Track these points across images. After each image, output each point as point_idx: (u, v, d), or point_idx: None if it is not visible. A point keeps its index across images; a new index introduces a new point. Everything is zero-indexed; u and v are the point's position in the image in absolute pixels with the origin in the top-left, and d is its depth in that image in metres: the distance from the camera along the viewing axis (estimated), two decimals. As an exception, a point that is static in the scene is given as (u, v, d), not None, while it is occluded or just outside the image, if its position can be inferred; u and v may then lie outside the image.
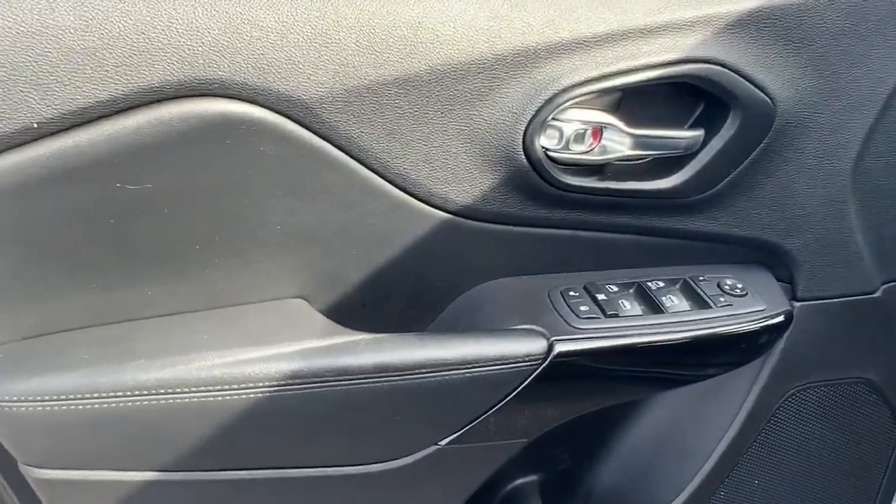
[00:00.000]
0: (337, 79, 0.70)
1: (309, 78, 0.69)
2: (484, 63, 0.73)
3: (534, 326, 0.81)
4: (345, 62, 0.70)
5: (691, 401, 0.99)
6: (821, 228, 0.91)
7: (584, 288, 0.86)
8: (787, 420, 1.03)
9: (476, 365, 0.78)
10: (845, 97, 0.85)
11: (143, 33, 0.65)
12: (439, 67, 0.72)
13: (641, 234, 0.88)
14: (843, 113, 0.86)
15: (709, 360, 0.88)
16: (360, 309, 0.83)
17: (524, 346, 0.79)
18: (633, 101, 0.81)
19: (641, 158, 0.84)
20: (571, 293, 0.85)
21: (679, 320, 0.83)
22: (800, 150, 0.86)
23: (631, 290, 0.87)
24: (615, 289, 0.86)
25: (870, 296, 0.98)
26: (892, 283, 0.99)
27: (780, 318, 0.88)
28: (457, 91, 0.74)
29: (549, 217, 0.83)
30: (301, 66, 0.69)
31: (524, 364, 0.79)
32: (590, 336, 0.80)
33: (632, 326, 0.81)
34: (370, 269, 0.81)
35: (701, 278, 0.89)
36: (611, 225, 0.86)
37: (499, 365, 0.79)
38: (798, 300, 0.96)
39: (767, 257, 0.94)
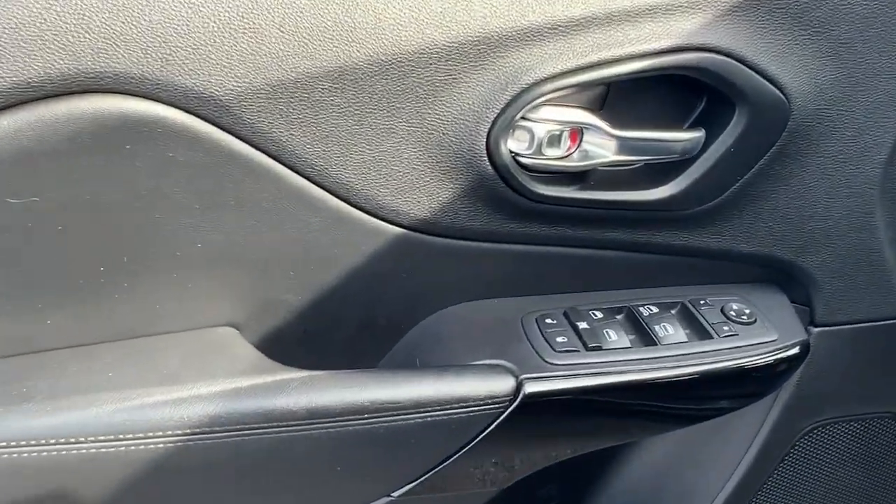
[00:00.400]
0: (258, 71, 0.59)
1: (222, 70, 0.58)
2: (437, 52, 0.62)
3: (500, 362, 0.69)
4: (266, 51, 0.59)
5: (693, 439, 0.87)
6: (843, 244, 0.79)
7: (564, 314, 0.74)
8: (804, 461, 0.90)
9: (431, 408, 0.67)
10: (873, 92, 0.73)
11: (14, 18, 0.54)
12: (383, 58, 0.61)
13: (633, 250, 0.76)
14: (871, 111, 0.73)
15: (710, 400, 0.77)
16: (301, 340, 0.72)
17: (488, 385, 0.67)
18: (619, 98, 0.69)
19: (630, 165, 0.72)
20: (548, 320, 0.73)
21: (674, 354, 0.71)
22: (819, 154, 0.74)
23: (619, 317, 0.75)
24: (600, 315, 0.74)
25: (900, 320, 0.86)
26: (931, 303, 0.87)
27: (795, 351, 0.76)
28: (405, 85, 0.62)
29: (522, 232, 0.72)
30: (212, 56, 0.58)
31: (488, 406, 0.68)
32: (565, 374, 0.68)
33: (617, 361, 0.69)
34: (311, 293, 0.70)
35: (703, 302, 0.77)
36: (597, 241, 0.74)
37: (459, 408, 0.67)
38: (816, 325, 0.83)
39: (781, 277, 0.82)
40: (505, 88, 0.64)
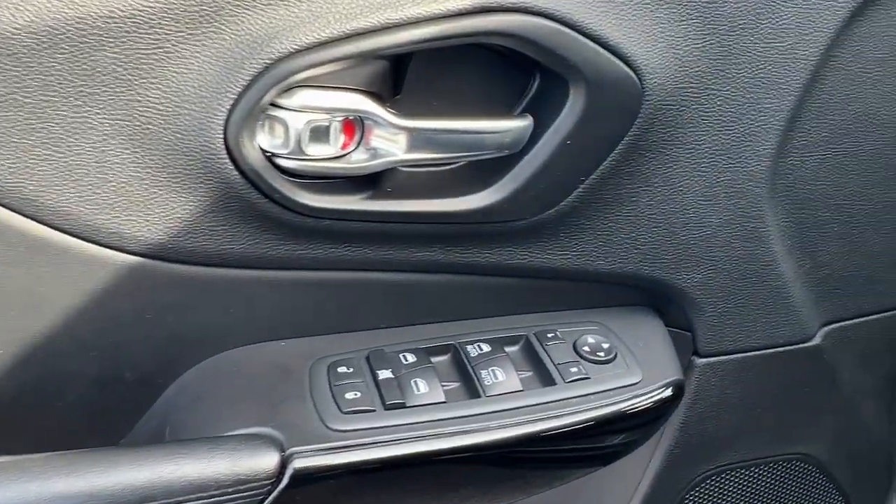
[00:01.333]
0: None
1: None
2: (137, 17, 0.45)
3: (266, 430, 0.52)
4: None
5: (557, 499, 0.71)
6: (727, 257, 0.64)
7: (367, 359, 0.58)
8: (696, 517, 0.76)
9: (174, 496, 0.50)
10: (753, 67, 0.58)
11: None
12: (56, 26, 0.44)
13: (457, 273, 0.60)
14: (751, 90, 0.58)
15: (550, 466, 0.61)
16: (12, 406, 0.55)
17: (247, 462, 0.50)
18: (413, 77, 0.53)
19: (436, 165, 0.56)
20: (342, 369, 0.56)
21: (501, 408, 0.55)
22: (687, 146, 0.59)
23: (439, 360, 0.58)
24: (412, 359, 0.58)
25: (804, 345, 0.71)
26: (834, 325, 0.72)
27: (663, 394, 0.60)
28: (93, 64, 0.46)
29: (302, 255, 0.55)
30: None
31: (247, 490, 0.51)
32: (346, 444, 0.51)
33: (420, 424, 0.53)
34: (19, 345, 0.53)
35: (552, 335, 0.62)
36: (406, 263, 0.58)
37: (210, 494, 0.51)
38: (701, 355, 0.68)
39: (656, 298, 0.67)
40: (241, 65, 0.47)
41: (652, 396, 0.60)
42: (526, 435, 0.54)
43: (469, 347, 0.59)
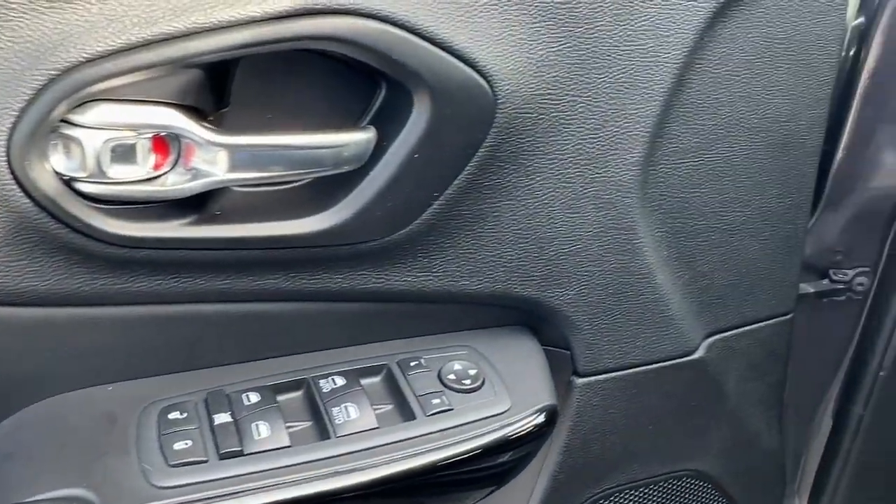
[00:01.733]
0: None
1: None
2: None
3: (78, 491, 0.46)
4: None
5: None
6: (601, 271, 0.61)
7: (205, 402, 0.52)
8: (586, 542, 0.72)
9: None
10: (614, 74, 0.55)
11: None
12: None
13: (304, 300, 0.55)
14: (613, 96, 0.55)
15: (420, 499, 0.56)
16: None
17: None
18: (242, 88, 0.48)
19: (274, 183, 0.51)
20: (174, 414, 0.51)
21: (350, 451, 0.50)
22: (551, 157, 0.55)
23: (286, 398, 0.53)
24: (255, 399, 0.52)
25: (687, 358, 0.68)
26: (717, 336, 0.70)
27: (537, 420, 0.56)
28: None
29: (126, 289, 0.49)
30: None
31: (55, 563, 0.45)
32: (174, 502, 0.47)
33: (259, 474, 0.48)
34: None
35: (415, 363, 0.57)
36: (247, 292, 0.53)
37: (9, 568, 0.45)
38: (581, 375, 0.65)
39: (529, 316, 0.63)
40: (20, 77, 0.41)
41: (521, 425, 0.55)
42: (379, 478, 0.50)
43: (322, 382, 0.54)
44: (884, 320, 0.81)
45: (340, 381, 0.54)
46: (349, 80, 0.51)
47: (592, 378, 0.65)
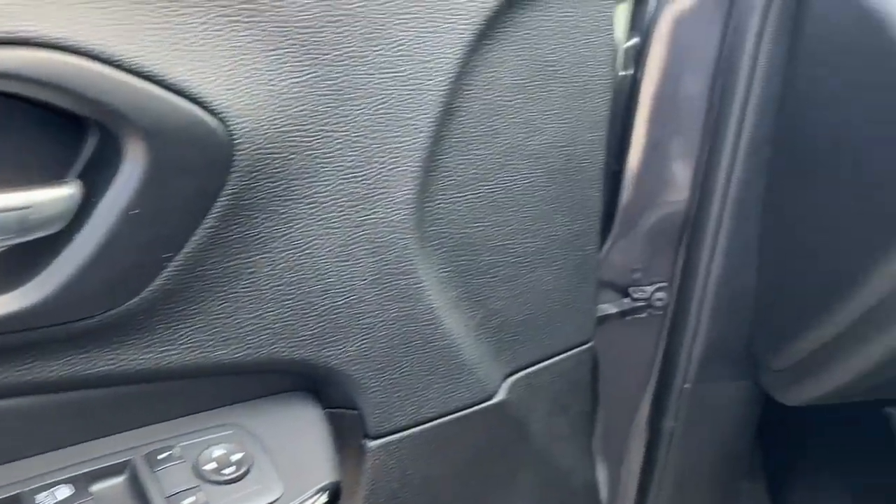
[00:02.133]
0: None
1: None
2: None
3: None
4: None
5: None
6: (382, 322, 0.54)
7: None
8: None
9: None
10: (373, 106, 0.49)
11: None
12: None
13: (15, 395, 0.45)
14: (376, 132, 0.49)
15: None
16: None
17: None
18: None
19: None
20: None
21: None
22: (310, 201, 0.48)
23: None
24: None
25: (487, 403, 0.64)
26: (518, 375, 0.66)
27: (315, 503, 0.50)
28: None
29: None
30: None
31: None
32: None
33: None
34: None
35: (167, 455, 0.48)
36: None
37: None
38: (373, 437, 0.59)
39: (307, 381, 0.56)
40: None
41: (296, 513, 0.49)
42: None
43: (41, 497, 0.44)
44: (683, 334, 0.81)
45: (66, 492, 0.44)
46: (53, 126, 0.42)
47: (385, 439, 0.59)
